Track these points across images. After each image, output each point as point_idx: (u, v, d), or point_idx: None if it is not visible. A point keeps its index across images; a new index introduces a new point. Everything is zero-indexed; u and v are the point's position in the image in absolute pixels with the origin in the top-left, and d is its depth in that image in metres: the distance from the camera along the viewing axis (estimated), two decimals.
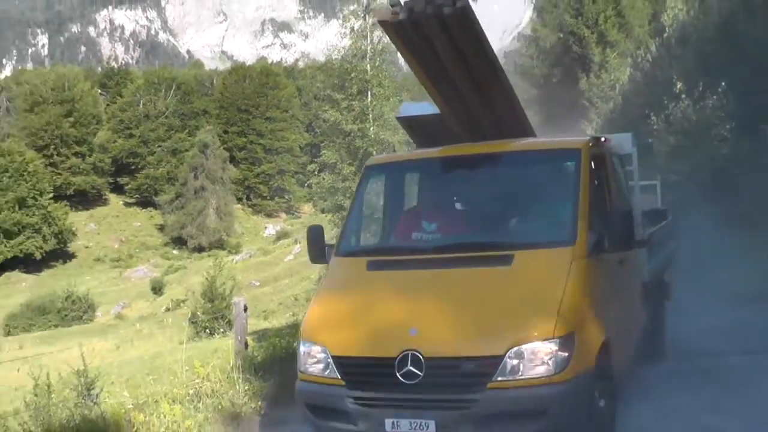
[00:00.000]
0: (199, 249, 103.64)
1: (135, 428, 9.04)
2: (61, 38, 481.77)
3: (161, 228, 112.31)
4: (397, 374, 7.12)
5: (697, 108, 36.83)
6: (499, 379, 7.05)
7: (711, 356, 12.66)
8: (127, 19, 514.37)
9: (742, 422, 9.26)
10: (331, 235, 20.84)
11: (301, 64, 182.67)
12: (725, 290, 17.39)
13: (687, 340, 13.01)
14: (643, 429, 9.13)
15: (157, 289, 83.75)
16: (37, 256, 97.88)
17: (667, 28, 55.30)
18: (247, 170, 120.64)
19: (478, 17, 8.68)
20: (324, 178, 45.54)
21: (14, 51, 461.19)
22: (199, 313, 43.96)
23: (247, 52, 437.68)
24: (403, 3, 8.29)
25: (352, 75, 46.57)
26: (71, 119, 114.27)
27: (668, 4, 57.47)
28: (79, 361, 11.65)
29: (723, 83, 36.50)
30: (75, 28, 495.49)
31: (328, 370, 7.76)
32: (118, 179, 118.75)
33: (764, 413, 9.51)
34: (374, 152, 45.17)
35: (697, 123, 35.04)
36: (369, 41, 46.50)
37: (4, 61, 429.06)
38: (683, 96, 37.15)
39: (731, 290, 17.65)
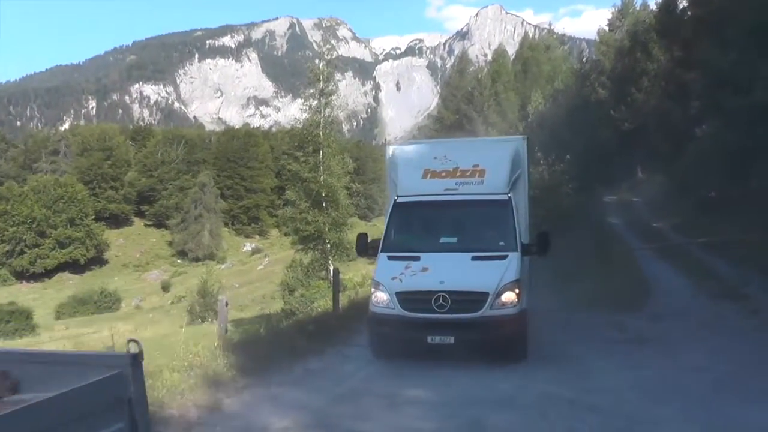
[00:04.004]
0: (197, 259, 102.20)
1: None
2: (105, 103, 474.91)
3: (170, 243, 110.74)
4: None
5: (551, 171, 37.43)
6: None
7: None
8: (152, 91, 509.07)
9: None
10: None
11: (274, 129, 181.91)
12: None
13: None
14: None
15: (165, 287, 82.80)
16: (82, 261, 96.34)
17: (530, 115, 56.52)
18: (233, 203, 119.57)
19: (400, 102, 9.02)
20: (287, 211, 45.62)
21: (72, 111, 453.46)
22: (195, 305, 43.61)
23: (236, 119, 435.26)
24: None
25: (309, 138, 46.81)
26: (109, 162, 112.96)
27: (532, 98, 58.76)
28: (108, 339, 11.63)
29: (568, 155, 37.26)
30: (116, 96, 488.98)
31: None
32: (141, 207, 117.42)
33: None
34: (323, 193, 45.47)
35: (549, 182, 35.58)
36: (322, 115, 46.75)
37: (64, 118, 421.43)
38: (541, 162, 37.77)
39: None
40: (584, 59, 72.68)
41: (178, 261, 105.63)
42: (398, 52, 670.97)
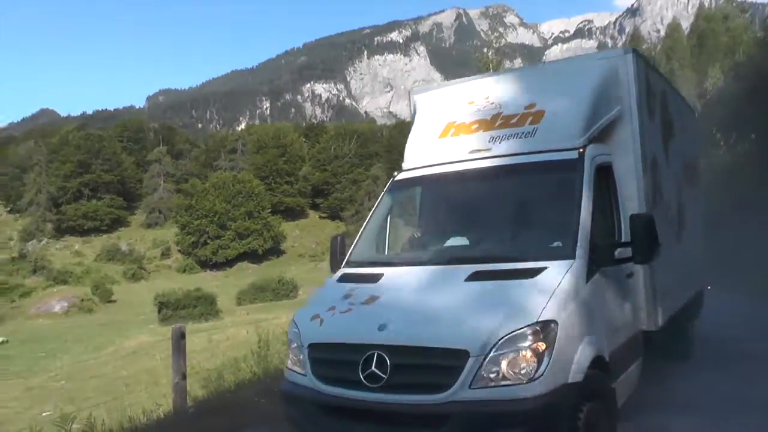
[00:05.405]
0: None
1: None
2: (278, 103, 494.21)
3: (345, 234, 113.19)
4: None
5: (732, 153, 35.24)
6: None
7: None
8: (323, 90, 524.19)
9: None
10: None
11: None
12: None
13: None
14: None
15: None
16: (260, 251, 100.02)
17: (708, 91, 53.41)
18: None
19: None
20: None
21: (247, 112, 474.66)
22: None
23: (406, 113, 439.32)
24: None
25: None
26: (284, 158, 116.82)
27: (709, 73, 55.57)
28: (286, 325, 11.69)
29: (753, 135, 34.86)
30: (288, 96, 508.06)
31: None
32: (316, 200, 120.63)
33: None
34: None
35: (731, 166, 33.51)
36: None
37: (240, 119, 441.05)
38: (721, 143, 35.57)
39: None
40: None
41: None
42: (567, 35, 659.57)
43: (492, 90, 7.94)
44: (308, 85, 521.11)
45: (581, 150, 6.63)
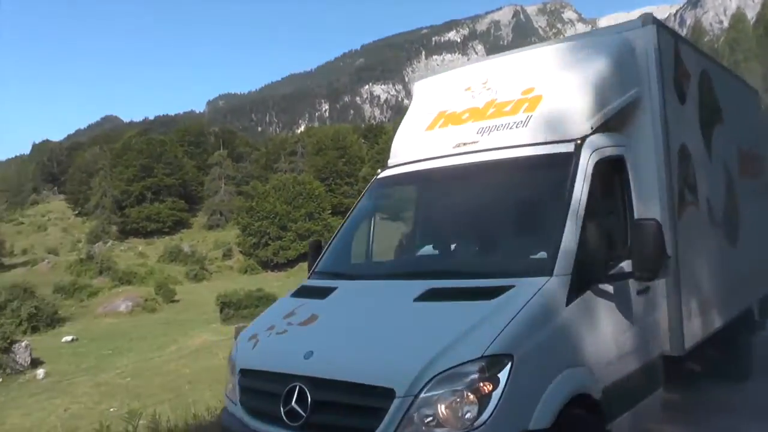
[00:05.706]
0: None
1: None
2: (337, 105, 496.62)
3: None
4: None
5: None
6: None
7: None
8: (382, 91, 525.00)
9: None
10: None
11: None
12: None
13: None
14: None
15: None
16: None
17: None
18: None
19: None
20: None
21: (306, 115, 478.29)
22: None
23: None
24: None
25: None
26: (343, 160, 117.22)
27: None
28: None
29: None
30: (347, 98, 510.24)
31: None
32: None
33: None
34: None
35: None
36: None
37: (299, 121, 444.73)
38: None
39: None
40: None
41: None
42: None
43: (491, 74, 6.96)
44: (367, 86, 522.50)
45: (579, 141, 5.61)
